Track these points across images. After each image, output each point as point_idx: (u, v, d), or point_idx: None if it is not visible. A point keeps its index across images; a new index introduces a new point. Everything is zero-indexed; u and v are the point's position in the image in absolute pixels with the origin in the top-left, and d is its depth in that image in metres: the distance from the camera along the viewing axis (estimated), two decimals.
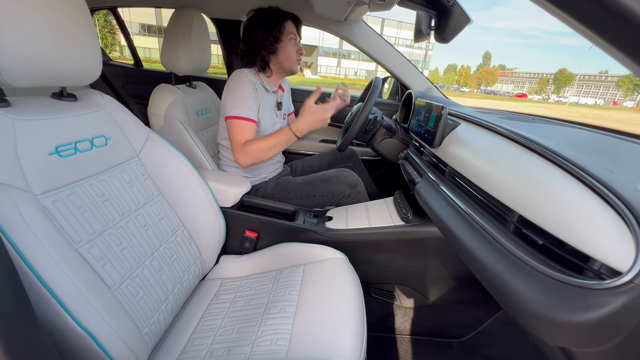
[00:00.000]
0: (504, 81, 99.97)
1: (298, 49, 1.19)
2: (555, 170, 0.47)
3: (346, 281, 0.81)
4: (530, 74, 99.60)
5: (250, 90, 1.10)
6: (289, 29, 1.15)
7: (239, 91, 1.08)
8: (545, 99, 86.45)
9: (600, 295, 0.33)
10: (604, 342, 0.34)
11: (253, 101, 1.10)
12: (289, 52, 1.17)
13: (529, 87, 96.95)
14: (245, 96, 1.08)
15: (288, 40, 1.15)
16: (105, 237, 0.63)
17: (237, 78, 1.11)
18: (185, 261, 0.82)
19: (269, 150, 1.08)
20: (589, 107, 65.02)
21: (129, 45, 2.03)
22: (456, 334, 1.05)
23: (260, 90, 1.15)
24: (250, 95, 1.09)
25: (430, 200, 0.80)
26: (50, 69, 0.57)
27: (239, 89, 1.09)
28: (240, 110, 1.07)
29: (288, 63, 1.19)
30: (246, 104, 1.08)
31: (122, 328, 0.55)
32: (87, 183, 0.63)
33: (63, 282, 0.48)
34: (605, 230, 0.36)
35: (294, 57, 1.18)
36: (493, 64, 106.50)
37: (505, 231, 0.52)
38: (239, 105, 1.07)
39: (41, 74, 0.56)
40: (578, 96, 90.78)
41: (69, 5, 0.58)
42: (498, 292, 0.47)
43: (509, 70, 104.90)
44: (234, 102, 1.08)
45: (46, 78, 0.57)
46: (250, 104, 1.09)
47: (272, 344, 0.67)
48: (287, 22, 1.15)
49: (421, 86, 1.56)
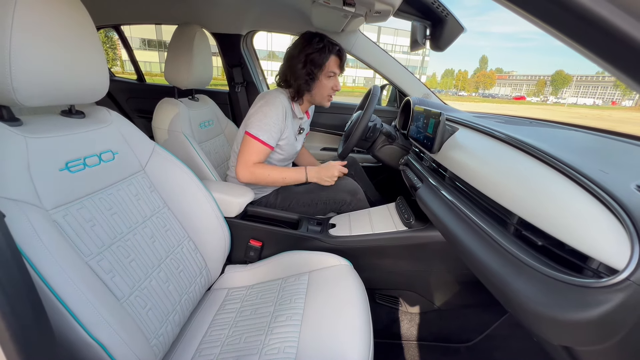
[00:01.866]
0: (502, 84, 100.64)
1: (334, 86, 1.17)
2: (552, 173, 0.48)
3: (351, 288, 0.82)
4: (527, 77, 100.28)
5: (280, 117, 1.11)
6: (329, 68, 1.13)
7: (270, 115, 1.09)
8: (543, 100, 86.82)
9: (599, 294, 0.34)
10: (605, 340, 0.35)
11: (277, 128, 1.11)
12: (322, 89, 1.16)
13: (527, 89, 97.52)
14: (273, 122, 1.09)
15: (326, 78, 1.15)
16: (113, 250, 0.64)
17: (273, 100, 1.11)
18: (191, 272, 0.83)
19: (275, 181, 1.13)
20: (587, 108, 65.21)
21: (132, 61, 2.08)
22: (463, 339, 1.05)
23: (289, 115, 1.17)
24: (278, 121, 1.11)
25: (432, 204, 0.81)
26: (60, 88, 0.59)
27: (270, 112, 1.09)
28: (263, 133, 1.08)
29: (319, 99, 1.19)
30: (269, 129, 1.09)
31: (132, 339, 0.55)
32: (96, 197, 0.65)
33: (75, 294, 0.49)
34: (601, 230, 0.37)
35: (326, 94, 1.17)
36: (490, 68, 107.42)
37: (506, 233, 0.53)
38: (264, 128, 1.08)
39: (52, 94, 0.58)
40: (576, 97, 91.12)
41: (77, 26, 0.61)
42: (500, 293, 0.48)
43: (506, 74, 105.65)
44: (261, 122, 1.09)
45: (57, 97, 0.60)
46: (274, 130, 1.10)
47: (280, 352, 0.67)
48: (330, 60, 1.13)
49: (419, 93, 1.58)
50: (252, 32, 1.79)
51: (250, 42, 1.84)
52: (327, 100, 1.19)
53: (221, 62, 1.84)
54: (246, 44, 1.80)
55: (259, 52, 1.92)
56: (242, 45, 1.76)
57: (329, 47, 1.11)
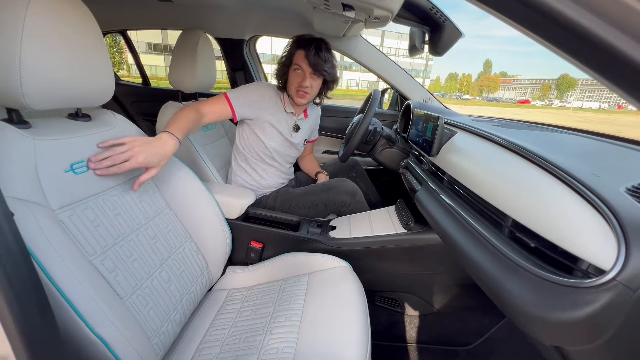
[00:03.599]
0: (506, 88, 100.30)
1: (300, 81, 1.17)
2: (545, 176, 0.49)
3: (350, 289, 0.82)
4: (532, 80, 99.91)
5: (257, 95, 1.18)
6: (296, 60, 1.17)
7: (248, 89, 1.19)
8: (548, 104, 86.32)
9: (587, 294, 0.35)
10: (594, 340, 0.36)
11: (249, 101, 1.17)
12: (290, 83, 1.20)
13: (532, 93, 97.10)
14: (246, 92, 1.17)
15: (293, 71, 1.18)
16: (117, 250, 0.65)
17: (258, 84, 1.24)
18: (192, 272, 0.84)
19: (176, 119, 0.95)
20: (593, 112, 64.70)
21: (137, 65, 2.11)
22: (462, 342, 1.05)
23: (274, 104, 1.22)
24: (253, 97, 1.18)
25: (430, 207, 0.82)
26: (67, 93, 0.61)
27: (250, 88, 1.20)
28: (232, 93, 1.15)
29: (290, 93, 1.22)
30: (239, 95, 1.16)
31: (134, 337, 0.57)
32: (99, 198, 0.67)
33: (79, 292, 0.50)
34: (591, 232, 0.38)
35: (293, 87, 1.19)
36: (494, 72, 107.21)
37: (501, 235, 0.54)
38: (236, 91, 1.17)
39: (59, 98, 0.60)
40: (582, 101, 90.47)
41: (84, 32, 0.63)
42: (494, 293, 0.48)
43: (511, 77, 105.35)
44: (236, 90, 1.17)
45: (64, 101, 0.62)
46: (246, 100, 1.16)
47: (279, 352, 0.68)
48: (297, 53, 1.16)
49: (420, 97, 1.59)
50: (254, 37, 1.82)
51: (253, 46, 1.87)
52: (296, 95, 1.20)
53: (224, 66, 1.87)
54: (249, 49, 1.83)
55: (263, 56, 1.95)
56: (245, 50, 1.79)
57: (298, 42, 1.17)
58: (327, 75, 1.18)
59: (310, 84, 1.17)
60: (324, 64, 1.15)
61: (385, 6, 0.75)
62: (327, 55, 1.16)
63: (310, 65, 1.14)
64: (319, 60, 1.13)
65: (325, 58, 1.15)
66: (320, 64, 1.14)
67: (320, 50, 1.14)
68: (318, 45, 1.14)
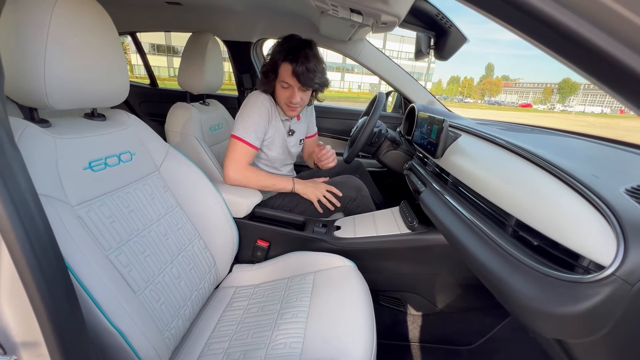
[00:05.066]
0: (508, 92, 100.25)
1: (288, 97, 1.10)
2: (547, 177, 0.51)
3: (355, 287, 0.84)
4: (534, 84, 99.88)
5: (262, 117, 1.11)
6: (282, 76, 1.07)
7: (252, 116, 1.10)
8: (550, 108, 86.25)
9: (588, 288, 0.37)
10: (594, 333, 0.37)
11: (262, 129, 1.12)
12: (278, 95, 1.13)
13: (534, 97, 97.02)
14: (256, 122, 1.10)
15: (280, 86, 1.10)
16: (131, 245, 0.68)
17: (252, 100, 1.12)
18: (201, 269, 0.86)
19: (264, 186, 1.13)
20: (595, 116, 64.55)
21: (145, 66, 2.15)
22: (465, 342, 1.06)
23: (273, 115, 1.17)
24: (261, 122, 1.11)
25: (435, 208, 0.83)
26: (86, 93, 0.64)
27: (252, 112, 1.10)
28: (248, 134, 1.09)
29: (280, 104, 1.15)
30: (253, 130, 1.09)
31: (148, 330, 0.59)
32: (115, 195, 0.69)
33: (98, 284, 0.52)
34: (591, 230, 0.40)
35: (283, 102, 1.13)
36: (496, 75, 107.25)
37: (504, 234, 0.56)
38: (249, 129, 1.09)
39: (79, 98, 0.63)
40: (584, 105, 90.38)
41: (103, 35, 0.65)
42: (498, 290, 0.50)
43: (513, 81, 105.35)
44: (245, 123, 1.10)
45: (83, 100, 0.64)
46: (259, 131, 1.11)
47: (286, 347, 0.70)
48: (283, 67, 1.06)
49: (423, 100, 1.61)
50: (261, 40, 1.84)
51: (260, 49, 1.90)
52: (287, 109, 1.14)
53: (231, 67, 1.89)
54: (256, 52, 1.86)
55: None
56: (252, 53, 1.82)
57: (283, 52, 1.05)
58: (318, 86, 1.11)
59: (300, 97, 1.10)
60: (313, 77, 1.06)
61: (393, 12, 0.77)
62: (316, 64, 1.06)
63: (299, 81, 1.05)
64: (308, 74, 1.04)
65: (314, 69, 1.05)
66: (310, 79, 1.06)
67: (308, 62, 1.03)
68: (306, 55, 1.03)
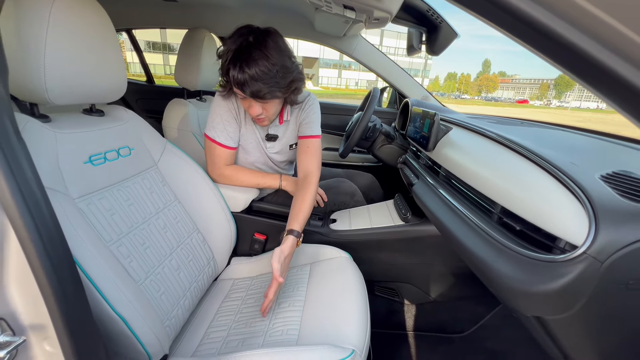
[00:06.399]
0: (505, 88, 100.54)
1: (247, 108, 0.94)
2: (530, 165, 0.54)
3: (350, 278, 0.87)
4: (530, 80, 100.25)
5: (230, 114, 1.00)
6: (233, 83, 0.85)
7: (219, 113, 0.99)
8: (547, 104, 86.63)
9: (562, 267, 0.39)
10: (569, 308, 0.40)
11: (232, 127, 1.00)
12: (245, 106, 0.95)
13: (530, 93, 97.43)
14: (224, 119, 0.99)
15: (239, 96, 0.90)
16: (131, 237, 0.70)
17: (216, 99, 1.00)
18: (200, 262, 0.88)
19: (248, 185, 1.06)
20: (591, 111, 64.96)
21: (142, 63, 2.15)
22: (457, 329, 1.09)
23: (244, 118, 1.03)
24: (230, 119, 1.00)
25: (426, 199, 0.86)
26: (86, 88, 0.65)
27: (219, 110, 0.99)
28: (218, 134, 0.99)
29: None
30: (222, 128, 0.99)
31: (150, 317, 0.61)
32: (114, 189, 0.71)
33: (100, 273, 0.54)
34: (567, 213, 0.42)
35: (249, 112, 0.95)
36: (493, 71, 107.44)
37: (490, 221, 0.58)
38: (217, 128, 0.99)
39: (78, 93, 0.64)
40: (580, 100, 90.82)
41: (101, 32, 0.67)
42: (484, 275, 0.53)
43: (509, 77, 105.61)
44: (213, 122, 1.00)
45: (82, 96, 0.66)
46: (229, 129, 1.00)
47: (284, 334, 0.72)
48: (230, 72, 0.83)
49: (418, 95, 1.64)
50: None
51: None
52: (257, 120, 0.97)
53: None
54: None
55: None
56: None
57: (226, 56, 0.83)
58: (278, 93, 0.87)
59: (263, 108, 0.92)
60: (264, 86, 0.82)
61: (385, 8, 0.79)
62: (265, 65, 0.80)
63: (249, 96, 0.85)
64: (255, 84, 0.81)
65: (260, 75, 0.80)
66: (261, 90, 0.83)
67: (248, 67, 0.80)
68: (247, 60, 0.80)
